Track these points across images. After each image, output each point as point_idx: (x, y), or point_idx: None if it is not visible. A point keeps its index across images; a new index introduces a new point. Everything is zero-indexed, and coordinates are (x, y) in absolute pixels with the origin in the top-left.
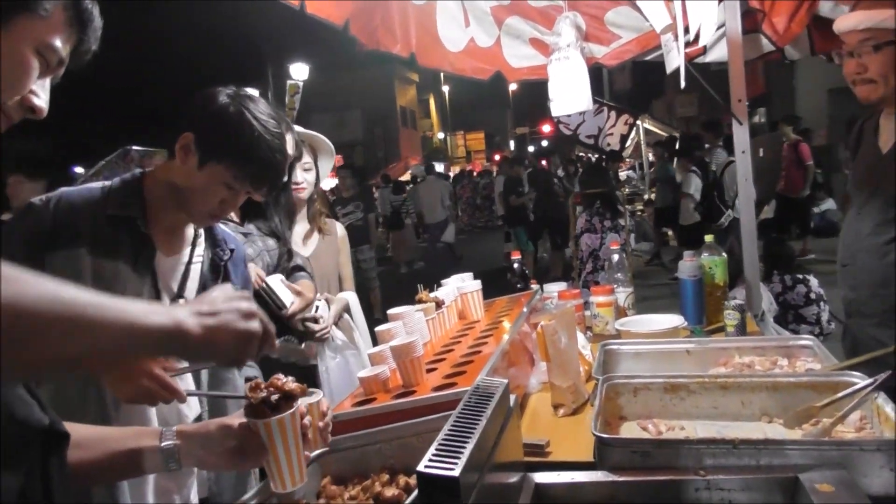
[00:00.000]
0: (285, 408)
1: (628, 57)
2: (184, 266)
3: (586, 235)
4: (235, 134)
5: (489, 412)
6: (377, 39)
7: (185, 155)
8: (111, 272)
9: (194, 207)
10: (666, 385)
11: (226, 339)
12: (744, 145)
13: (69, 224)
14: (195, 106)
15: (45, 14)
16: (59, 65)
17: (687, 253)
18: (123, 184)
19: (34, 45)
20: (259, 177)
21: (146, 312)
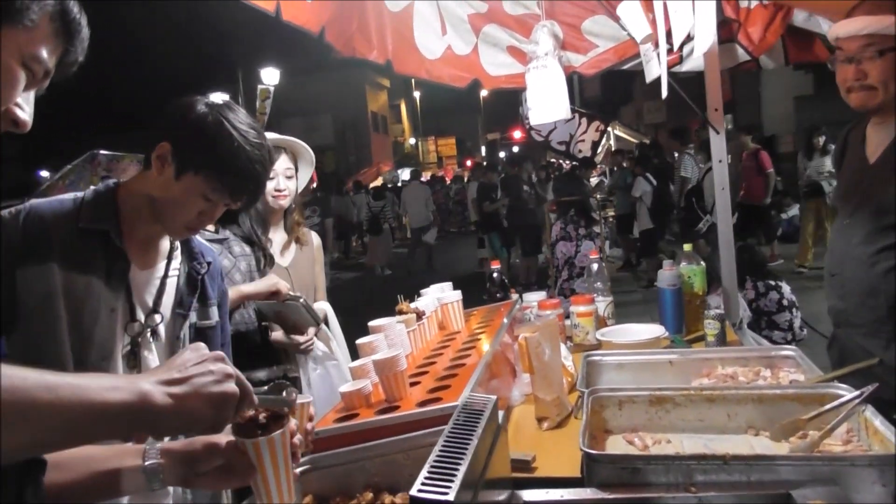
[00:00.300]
0: (275, 427)
1: (606, 66)
2: (159, 280)
3: (561, 243)
4: (214, 144)
5: (480, 431)
6: (353, 46)
7: (161, 165)
8: (83, 287)
9: (171, 219)
10: (651, 398)
11: (199, 405)
12: (721, 154)
13: (40, 238)
14: (172, 115)
15: (31, 25)
16: (45, 76)
17: (666, 262)
18: (96, 195)
19: (19, 57)
20: (238, 188)
21: (105, 389)
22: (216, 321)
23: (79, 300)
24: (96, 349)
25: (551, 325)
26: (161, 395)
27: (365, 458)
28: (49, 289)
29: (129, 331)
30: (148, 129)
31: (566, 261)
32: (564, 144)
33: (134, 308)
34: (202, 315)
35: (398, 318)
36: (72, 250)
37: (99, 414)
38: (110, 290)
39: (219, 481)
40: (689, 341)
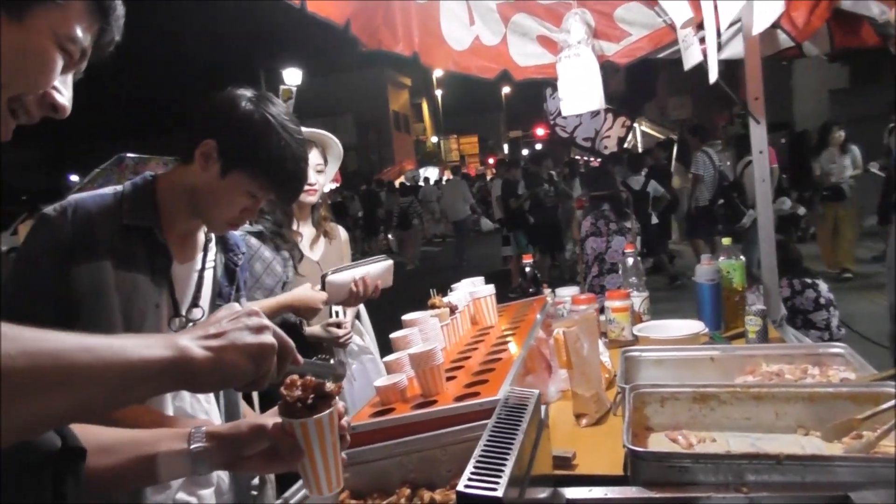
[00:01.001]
0: (322, 407)
1: (640, 54)
2: (197, 273)
3: (591, 239)
4: (262, 143)
5: (525, 425)
6: (379, 39)
7: (205, 162)
8: (131, 283)
9: (214, 215)
10: (695, 395)
11: (236, 357)
12: (761, 145)
13: (89, 235)
14: (216, 112)
15: (66, 4)
16: (82, 58)
17: (704, 257)
18: (136, 190)
19: (55, 37)
20: (285, 185)
21: (143, 346)
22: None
23: (128, 296)
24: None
25: (589, 319)
26: (199, 350)
27: (401, 454)
28: (102, 284)
29: (173, 326)
30: (189, 122)
31: (596, 257)
32: (590, 140)
33: (177, 303)
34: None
35: (432, 312)
36: (118, 246)
37: (140, 372)
38: (155, 285)
39: (265, 465)
40: (728, 338)
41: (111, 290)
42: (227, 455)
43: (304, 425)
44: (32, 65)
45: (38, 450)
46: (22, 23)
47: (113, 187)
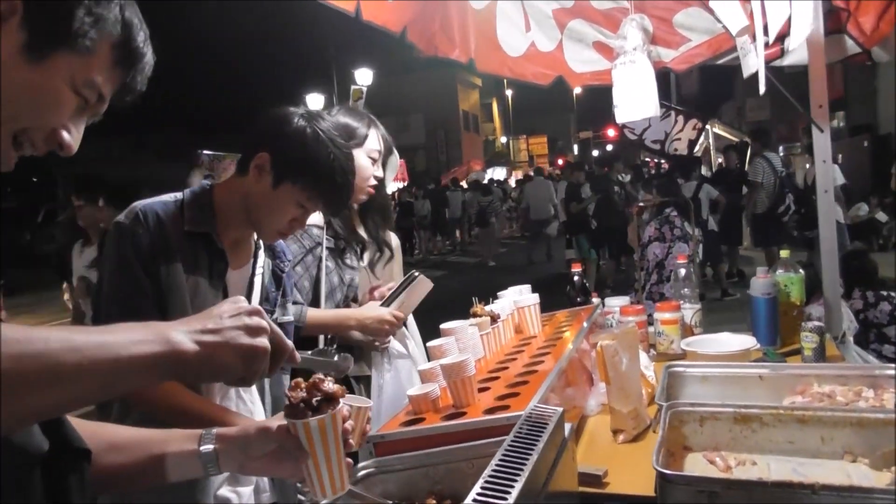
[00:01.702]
0: (326, 409)
1: (699, 61)
2: (248, 279)
3: (655, 244)
4: (312, 157)
5: (541, 445)
6: (435, 45)
7: (259, 174)
8: (194, 286)
9: (265, 224)
10: (736, 415)
11: (228, 356)
12: (825, 154)
13: (163, 239)
14: (270, 126)
15: (89, 51)
16: (100, 102)
17: (760, 269)
18: (195, 198)
19: (72, 81)
20: (333, 197)
21: (133, 342)
22: (292, 317)
23: (191, 298)
24: None
25: (630, 333)
26: (191, 344)
27: (429, 465)
28: (178, 286)
29: None
30: (245, 136)
31: (657, 263)
32: (659, 143)
33: None
34: (283, 311)
35: (471, 320)
36: (184, 251)
37: (127, 368)
38: (212, 289)
39: (273, 467)
40: (783, 355)
41: (185, 291)
42: (236, 456)
43: (306, 425)
44: (44, 104)
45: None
46: (41, 64)
47: (173, 194)
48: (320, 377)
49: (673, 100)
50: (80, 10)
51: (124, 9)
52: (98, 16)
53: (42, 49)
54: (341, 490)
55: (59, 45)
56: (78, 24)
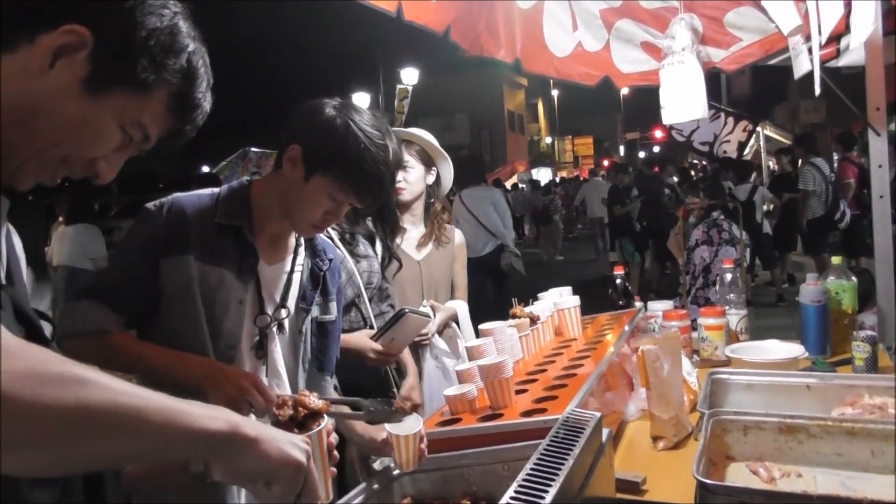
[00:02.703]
0: (312, 425)
1: (750, 61)
2: (286, 275)
3: (702, 248)
4: (342, 146)
5: (577, 451)
6: (480, 45)
7: (292, 166)
8: (216, 279)
9: (299, 218)
10: (782, 425)
11: (271, 450)
12: (881, 158)
13: (180, 230)
14: (302, 118)
15: (145, 94)
16: (144, 142)
17: (810, 276)
18: (231, 192)
19: (120, 119)
20: (363, 189)
21: (204, 416)
22: (336, 316)
23: (211, 291)
24: (224, 339)
25: (672, 339)
26: (251, 429)
27: (464, 465)
28: (187, 278)
29: (259, 322)
30: (281, 130)
31: (704, 267)
32: (708, 145)
33: (263, 301)
34: (323, 310)
35: (510, 322)
36: (208, 243)
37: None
38: (240, 282)
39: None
40: (833, 364)
41: (195, 283)
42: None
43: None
44: (90, 136)
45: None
46: (93, 98)
47: (211, 189)
48: (305, 392)
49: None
50: (145, 57)
51: (192, 59)
52: (162, 65)
53: (100, 85)
54: (326, 500)
55: (118, 84)
56: (141, 69)
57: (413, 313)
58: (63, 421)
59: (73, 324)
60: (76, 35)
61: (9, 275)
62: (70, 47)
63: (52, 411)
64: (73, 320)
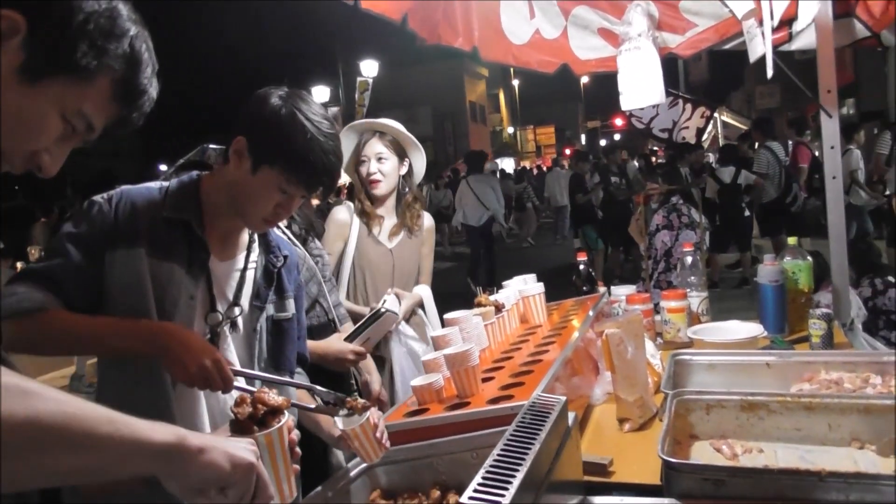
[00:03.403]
0: (272, 422)
1: (705, 46)
2: (239, 272)
3: (663, 233)
4: (288, 137)
5: (543, 435)
6: (438, 34)
7: (238, 159)
8: (166, 273)
9: (249, 213)
10: (743, 403)
11: (219, 458)
12: (833, 140)
13: (129, 223)
14: (247, 109)
15: (85, 82)
16: (88, 132)
17: (767, 257)
18: (181, 186)
19: (61, 108)
20: (313, 180)
21: (153, 429)
22: (292, 314)
23: (163, 286)
24: None
25: (635, 322)
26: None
27: (433, 455)
28: (138, 272)
29: (210, 320)
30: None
31: (665, 252)
32: (667, 132)
33: (214, 299)
34: (279, 307)
35: (475, 310)
36: (157, 237)
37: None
38: (191, 277)
39: None
40: (791, 342)
41: (145, 278)
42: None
43: (253, 440)
44: (28, 128)
45: None
46: (33, 86)
47: (160, 182)
48: (265, 389)
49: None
50: (84, 42)
51: (134, 43)
52: (102, 50)
53: (38, 73)
54: (290, 497)
55: (56, 72)
56: (80, 55)
57: (389, 312)
58: (10, 434)
59: (7, 305)
60: (8, 21)
61: None
62: (2, 34)
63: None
64: (10, 301)
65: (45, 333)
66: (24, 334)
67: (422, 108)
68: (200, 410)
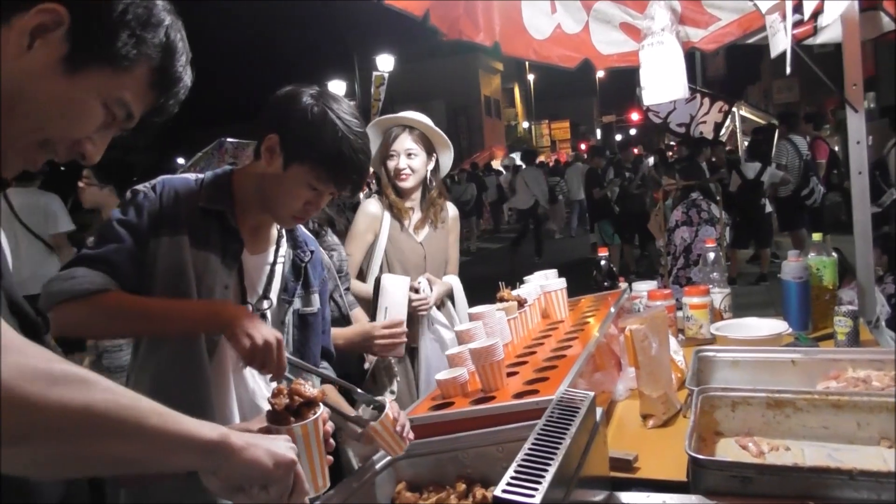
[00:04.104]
0: (307, 413)
1: (728, 40)
2: (269, 266)
3: (682, 229)
4: (319, 135)
5: (573, 430)
6: (459, 29)
7: (270, 156)
8: (203, 262)
9: (279, 209)
10: (769, 400)
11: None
12: (859, 135)
13: (173, 210)
14: (279, 107)
15: (125, 71)
16: (128, 120)
17: (792, 253)
18: (215, 178)
19: (101, 97)
20: (343, 177)
21: (199, 425)
22: (318, 308)
23: (200, 274)
24: None
25: (659, 317)
26: (238, 439)
27: (458, 449)
28: (182, 258)
29: None
30: (258, 119)
31: (685, 248)
32: (684, 126)
33: (245, 290)
34: (305, 302)
35: (498, 305)
36: (196, 225)
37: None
38: (225, 267)
39: None
40: (815, 339)
41: (189, 264)
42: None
43: (290, 431)
44: (72, 116)
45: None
46: (75, 76)
47: (195, 174)
48: (300, 381)
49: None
50: (124, 32)
51: (170, 33)
52: (141, 39)
53: (80, 63)
54: (324, 487)
55: (97, 61)
56: (120, 45)
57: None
58: (67, 420)
59: (70, 286)
60: (52, 13)
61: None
62: (46, 26)
63: (58, 410)
64: (70, 283)
65: (107, 314)
66: (84, 316)
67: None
68: (231, 403)
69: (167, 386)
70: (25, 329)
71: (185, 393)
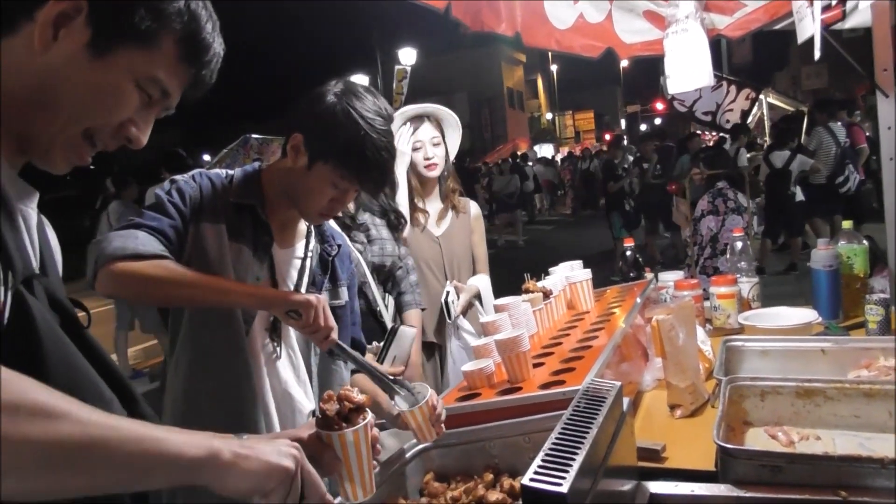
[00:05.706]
0: (356, 419)
1: (755, 27)
2: (298, 260)
3: (708, 218)
4: (340, 134)
5: (600, 419)
6: (481, 20)
7: (295, 155)
8: (236, 253)
9: (306, 206)
10: (799, 389)
11: (254, 466)
12: (889, 120)
13: (211, 200)
14: (303, 106)
15: (151, 46)
16: (166, 97)
17: (821, 241)
18: (245, 175)
19: (134, 77)
20: (365, 175)
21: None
22: (346, 301)
23: (234, 263)
24: (242, 313)
25: (686, 308)
26: (227, 451)
27: (485, 439)
28: (221, 246)
29: None
30: (285, 119)
31: (711, 237)
32: (710, 115)
33: (276, 283)
34: (333, 295)
35: (524, 296)
36: (231, 218)
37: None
38: (257, 259)
39: None
40: (846, 328)
41: (227, 253)
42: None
43: (342, 436)
44: (107, 101)
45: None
46: (103, 60)
47: (226, 170)
48: (349, 388)
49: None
50: (140, 6)
51: (189, 3)
52: (159, 10)
53: (105, 46)
54: (371, 492)
55: (121, 41)
56: (138, 20)
57: (405, 327)
58: (37, 454)
59: (135, 245)
60: (72, 3)
61: (42, 265)
62: (67, 14)
63: (26, 445)
64: (135, 243)
65: (161, 279)
66: (140, 277)
67: (458, 95)
68: (266, 393)
69: (204, 379)
70: (65, 326)
71: (221, 386)
